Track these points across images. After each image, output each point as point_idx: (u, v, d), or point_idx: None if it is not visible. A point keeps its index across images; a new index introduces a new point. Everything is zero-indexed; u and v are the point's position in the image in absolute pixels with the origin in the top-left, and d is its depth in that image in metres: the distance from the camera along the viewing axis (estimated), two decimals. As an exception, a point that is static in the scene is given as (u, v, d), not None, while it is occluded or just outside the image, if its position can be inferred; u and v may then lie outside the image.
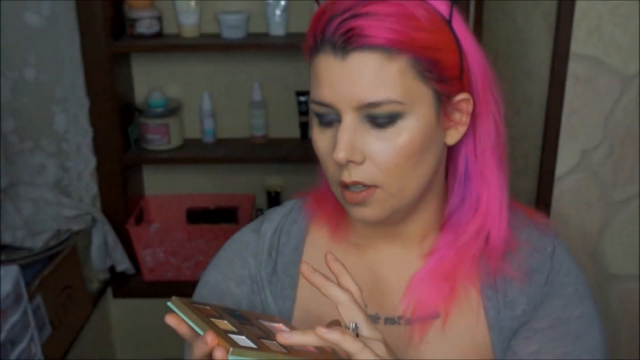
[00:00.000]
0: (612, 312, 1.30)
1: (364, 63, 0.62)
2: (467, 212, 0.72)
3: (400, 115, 0.64)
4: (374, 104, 0.63)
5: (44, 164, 1.65)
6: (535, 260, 0.73)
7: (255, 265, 0.79)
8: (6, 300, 1.16)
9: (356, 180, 0.65)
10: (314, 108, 0.66)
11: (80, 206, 1.68)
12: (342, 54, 0.63)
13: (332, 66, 0.63)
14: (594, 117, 1.16)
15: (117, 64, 1.73)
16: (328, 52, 0.63)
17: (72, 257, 1.63)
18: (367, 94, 0.62)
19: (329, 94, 0.64)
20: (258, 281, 0.78)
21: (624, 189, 1.21)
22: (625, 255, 1.26)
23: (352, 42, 0.62)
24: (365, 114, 0.64)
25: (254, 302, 0.78)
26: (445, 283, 0.71)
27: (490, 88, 0.71)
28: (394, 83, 0.63)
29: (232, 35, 1.73)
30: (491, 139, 0.71)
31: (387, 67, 0.63)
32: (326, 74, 0.64)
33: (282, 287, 0.77)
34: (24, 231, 1.48)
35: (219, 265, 0.81)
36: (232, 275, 0.80)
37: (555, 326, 0.71)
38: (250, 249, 0.80)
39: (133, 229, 1.79)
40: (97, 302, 1.81)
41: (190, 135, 1.92)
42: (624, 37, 1.12)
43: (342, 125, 0.64)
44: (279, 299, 0.77)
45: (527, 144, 1.31)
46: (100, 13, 1.64)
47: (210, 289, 0.80)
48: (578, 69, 1.14)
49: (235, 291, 0.79)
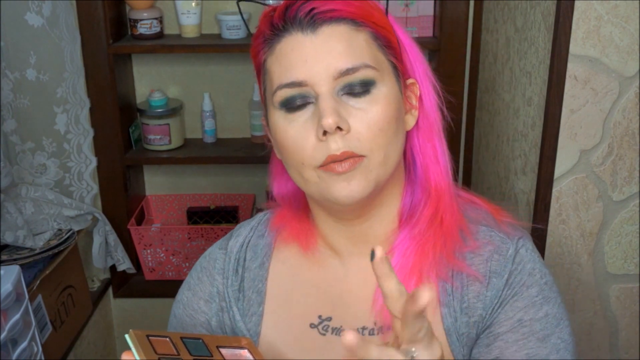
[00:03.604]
0: (612, 312, 1.30)
1: (335, 34, 0.65)
2: (420, 198, 0.72)
3: (374, 82, 0.65)
4: (350, 69, 0.64)
5: (45, 164, 1.65)
6: (495, 262, 0.70)
7: (223, 282, 0.78)
8: (7, 300, 1.16)
9: (346, 150, 0.64)
10: (283, 94, 0.66)
11: (81, 206, 1.68)
12: (312, 29, 0.65)
13: (303, 43, 0.65)
14: (593, 118, 1.17)
15: (118, 64, 1.73)
16: (295, 32, 0.65)
17: (73, 256, 1.63)
18: (343, 62, 0.64)
19: (303, 70, 0.64)
20: (226, 298, 0.78)
21: (623, 189, 1.21)
22: (625, 255, 1.26)
23: (320, 17, 0.64)
24: (342, 85, 0.65)
25: (223, 319, 0.78)
26: (410, 279, 0.68)
27: (428, 76, 0.73)
28: (364, 50, 0.66)
29: (232, 35, 1.74)
30: (437, 124, 0.72)
31: (355, 36, 0.65)
32: (298, 52, 0.65)
33: (249, 304, 0.76)
34: (25, 231, 1.49)
35: (189, 284, 0.82)
36: (201, 293, 0.80)
37: (516, 329, 0.68)
38: (218, 266, 0.79)
39: (134, 229, 1.80)
40: (98, 302, 1.81)
41: (191, 135, 1.93)
42: (623, 38, 1.12)
43: (321, 97, 0.64)
44: (246, 316, 0.76)
45: (526, 144, 1.31)
46: (101, 14, 1.64)
47: (182, 308, 0.80)
48: (577, 70, 1.14)
49: (204, 309, 0.79)
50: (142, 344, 0.55)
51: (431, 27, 1.71)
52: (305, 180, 0.67)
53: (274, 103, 0.67)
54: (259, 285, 0.76)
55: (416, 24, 1.70)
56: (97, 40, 1.66)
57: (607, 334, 1.32)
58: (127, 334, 0.57)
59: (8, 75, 1.53)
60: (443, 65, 1.69)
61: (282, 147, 0.68)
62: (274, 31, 0.66)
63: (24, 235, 1.48)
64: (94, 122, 1.73)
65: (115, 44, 1.70)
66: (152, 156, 1.83)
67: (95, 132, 1.74)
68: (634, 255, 1.26)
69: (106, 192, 1.81)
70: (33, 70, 1.56)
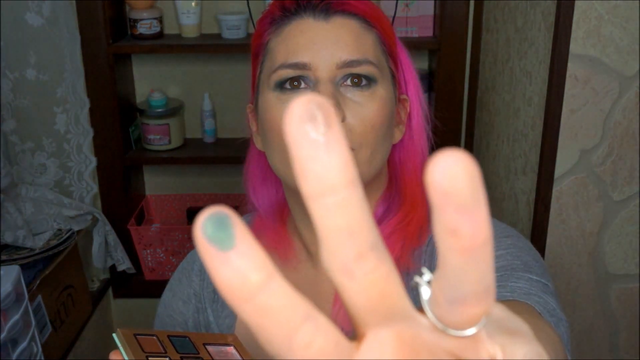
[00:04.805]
0: (612, 312, 1.30)
1: (346, 25, 0.65)
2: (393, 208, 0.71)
3: (375, 80, 0.65)
4: (356, 61, 0.64)
5: (45, 164, 1.65)
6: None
7: (199, 283, 0.78)
8: (7, 300, 1.16)
9: None
10: (284, 73, 0.65)
11: (81, 206, 1.68)
12: (325, 16, 0.65)
13: (313, 28, 0.65)
14: (593, 117, 1.16)
15: (117, 64, 1.73)
16: (307, 16, 0.66)
17: (72, 256, 1.63)
18: (349, 53, 0.64)
19: (309, 54, 0.64)
20: (202, 299, 0.78)
21: (623, 189, 1.21)
22: (625, 255, 1.26)
23: (334, 6, 0.65)
24: (343, 74, 0.65)
25: (199, 320, 0.78)
26: None
27: (420, 99, 0.73)
28: (371, 49, 0.66)
29: (232, 35, 1.74)
30: (421, 146, 0.72)
31: (364, 34, 0.66)
32: (306, 35, 0.65)
33: (223, 305, 0.76)
34: (24, 231, 1.48)
35: (171, 284, 0.82)
36: (180, 294, 0.80)
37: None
38: (196, 267, 0.80)
39: (134, 229, 1.80)
40: (97, 302, 1.81)
41: (191, 135, 1.93)
42: (623, 38, 1.12)
43: (321, 82, 0.64)
44: (219, 317, 0.76)
45: (526, 144, 1.31)
46: (101, 14, 1.64)
47: (164, 308, 0.81)
48: (577, 69, 1.14)
49: (182, 310, 0.79)
50: (130, 343, 0.55)
51: (431, 26, 1.71)
52: (286, 165, 0.66)
53: (270, 83, 0.66)
54: None
55: (416, 24, 1.70)
56: (97, 40, 1.66)
57: (607, 334, 1.32)
58: (115, 333, 0.56)
59: (8, 75, 1.53)
60: (443, 65, 1.69)
61: (269, 129, 0.67)
62: (284, 13, 0.67)
63: (23, 235, 1.48)
64: (94, 122, 1.73)
65: (115, 43, 1.70)
66: (152, 156, 1.83)
67: (95, 132, 1.73)
68: (635, 256, 1.26)
69: (106, 192, 1.80)
70: (33, 70, 1.56)
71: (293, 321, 0.20)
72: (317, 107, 0.20)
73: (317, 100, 0.20)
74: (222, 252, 0.20)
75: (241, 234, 0.20)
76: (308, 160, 0.20)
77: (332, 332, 0.21)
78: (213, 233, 0.20)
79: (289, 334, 0.20)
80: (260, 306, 0.20)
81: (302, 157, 0.20)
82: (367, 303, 0.21)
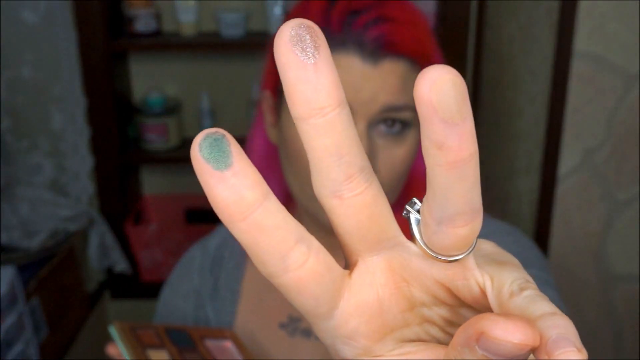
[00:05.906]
0: (616, 312, 1.29)
1: (395, 70, 0.61)
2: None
3: (411, 125, 0.63)
4: (397, 107, 0.61)
5: (41, 164, 1.63)
6: None
7: (199, 280, 0.78)
8: (3, 302, 1.14)
9: None
10: None
11: (78, 206, 1.66)
12: (373, 60, 0.60)
13: (358, 70, 0.60)
14: (597, 116, 1.15)
15: (115, 62, 1.72)
16: (354, 54, 0.60)
17: (69, 257, 1.61)
18: (393, 99, 0.61)
19: (350, 95, 0.60)
20: (201, 297, 0.77)
21: (627, 188, 1.20)
22: (629, 255, 1.25)
23: (386, 48, 0.60)
24: (382, 118, 0.62)
25: (199, 317, 0.77)
26: None
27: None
28: (411, 90, 0.63)
29: (231, 33, 1.72)
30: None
31: (410, 76, 0.62)
32: (351, 75, 0.60)
33: (222, 303, 0.76)
34: (20, 231, 1.47)
35: (170, 281, 0.82)
36: (179, 291, 0.79)
37: None
38: (196, 264, 0.79)
39: (131, 229, 1.78)
40: (94, 303, 1.79)
41: (189, 134, 1.91)
42: (627, 35, 1.11)
43: (357, 127, 0.61)
44: (219, 315, 0.76)
45: (529, 143, 1.30)
46: (98, 11, 1.62)
47: (163, 305, 0.81)
48: (581, 68, 1.13)
49: (182, 307, 0.78)
50: (127, 336, 0.55)
51: (432, 26, 1.70)
52: (309, 197, 0.65)
53: None
54: (234, 285, 0.76)
55: (417, 22, 1.68)
56: (93, 38, 1.64)
57: (611, 335, 1.31)
58: (111, 326, 0.56)
59: (3, 73, 1.51)
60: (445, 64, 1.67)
61: (295, 157, 0.65)
62: (328, 35, 0.60)
63: (19, 235, 1.46)
64: (91, 120, 1.71)
65: (112, 42, 1.68)
66: (149, 155, 1.81)
67: (92, 131, 1.72)
68: (638, 255, 1.25)
69: (103, 192, 1.79)
70: (29, 68, 1.54)
71: (287, 240, 0.21)
72: (306, 30, 0.20)
73: (306, 24, 0.20)
74: (218, 171, 0.20)
75: (237, 154, 0.21)
76: (297, 82, 0.20)
77: (325, 255, 0.22)
78: (209, 153, 0.21)
79: (282, 253, 0.21)
80: (255, 224, 0.21)
81: (291, 78, 0.20)
82: (357, 228, 0.22)
